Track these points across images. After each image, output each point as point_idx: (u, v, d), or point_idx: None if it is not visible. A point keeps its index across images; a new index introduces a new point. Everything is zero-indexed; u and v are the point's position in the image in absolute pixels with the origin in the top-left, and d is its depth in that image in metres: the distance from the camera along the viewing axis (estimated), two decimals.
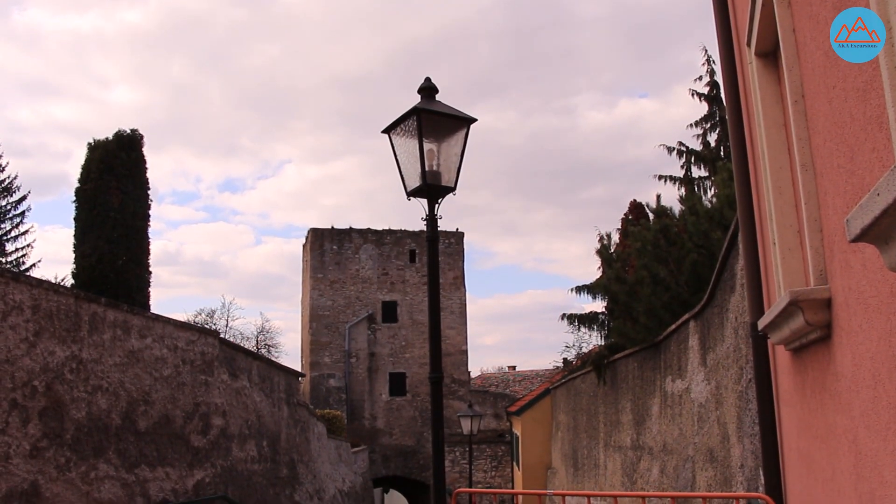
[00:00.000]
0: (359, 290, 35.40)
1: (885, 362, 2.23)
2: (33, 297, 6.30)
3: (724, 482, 9.76)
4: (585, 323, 20.44)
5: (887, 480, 2.37)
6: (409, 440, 34.53)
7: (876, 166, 2.03)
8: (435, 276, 6.05)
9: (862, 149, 2.20)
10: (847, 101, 2.41)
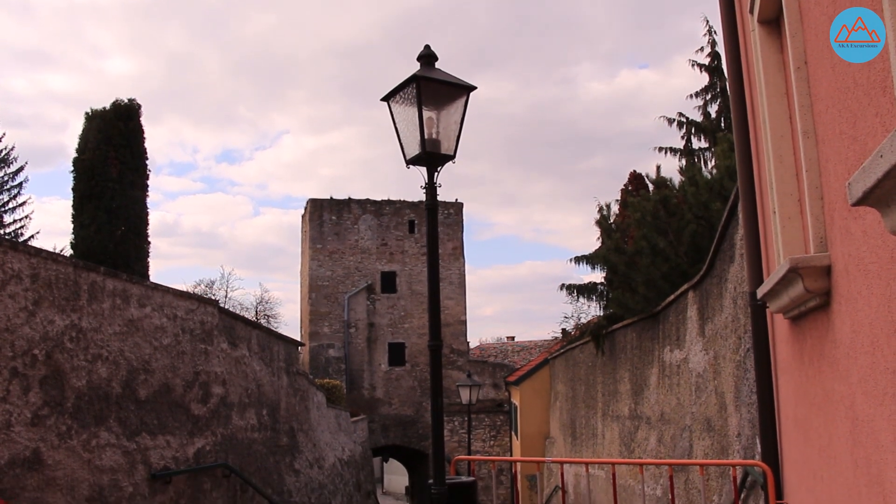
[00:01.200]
0: (358, 260, 35.42)
1: (883, 328, 2.23)
2: (32, 266, 6.29)
3: (720, 451, 9.83)
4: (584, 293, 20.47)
5: (883, 445, 2.39)
6: (408, 410, 34.74)
7: (879, 131, 2.01)
8: (434, 244, 6.05)
9: (865, 114, 2.19)
10: (851, 67, 2.39)
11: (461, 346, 36.28)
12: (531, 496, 28.54)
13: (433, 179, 5.91)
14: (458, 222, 36.89)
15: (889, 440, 2.30)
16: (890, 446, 2.30)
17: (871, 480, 2.61)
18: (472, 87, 6.09)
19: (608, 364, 18.87)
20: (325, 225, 35.44)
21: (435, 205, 5.94)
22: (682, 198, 15.07)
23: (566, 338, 27.58)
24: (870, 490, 2.64)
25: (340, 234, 35.49)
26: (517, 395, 30.79)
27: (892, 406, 2.23)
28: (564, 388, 25.97)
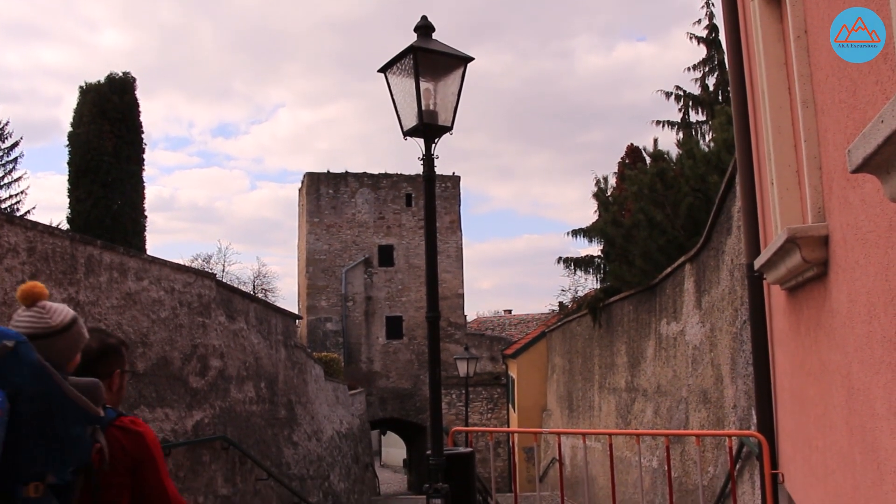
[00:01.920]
0: (355, 234, 35.39)
1: (880, 296, 2.24)
2: (28, 240, 6.28)
3: (716, 422, 9.90)
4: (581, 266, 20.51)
5: (878, 413, 2.40)
6: (405, 383, 34.89)
7: (879, 98, 2.01)
8: (431, 214, 6.04)
9: (865, 81, 2.18)
10: None
11: (459, 319, 36.36)
12: (528, 468, 28.77)
13: (430, 151, 5.90)
14: (455, 196, 36.82)
15: (884, 408, 2.32)
16: (885, 414, 2.32)
17: (865, 448, 2.63)
18: (470, 59, 6.06)
19: (605, 337, 18.94)
20: (322, 199, 35.37)
21: (432, 176, 5.92)
22: (680, 171, 15.06)
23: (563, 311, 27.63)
24: (864, 458, 2.66)
25: (337, 207, 35.43)
26: (514, 368, 30.92)
27: (887, 374, 2.24)
28: (561, 361, 26.07)
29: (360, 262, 35.20)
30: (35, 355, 2.35)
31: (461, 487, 6.54)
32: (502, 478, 29.22)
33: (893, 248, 2.06)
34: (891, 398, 2.22)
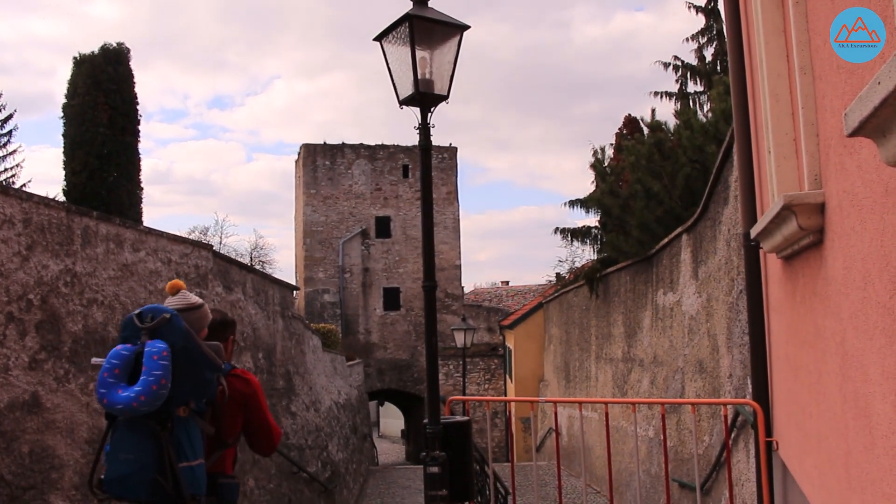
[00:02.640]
0: (352, 205, 35.35)
1: (876, 262, 2.24)
2: (24, 211, 6.26)
3: (712, 392, 9.96)
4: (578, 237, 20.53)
5: (871, 379, 2.42)
6: (403, 354, 35.03)
7: (877, 62, 1.99)
8: (428, 183, 6.04)
9: None
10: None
11: (456, 290, 36.44)
12: (525, 438, 28.97)
13: (426, 120, 5.88)
14: (452, 167, 36.75)
15: (877, 373, 2.33)
16: (877, 379, 2.33)
17: (858, 413, 2.65)
18: (466, 27, 6.01)
19: (602, 307, 19.00)
20: (319, 170, 35.28)
21: (428, 145, 5.91)
22: (677, 141, 15.03)
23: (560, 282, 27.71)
24: (856, 422, 2.68)
25: (334, 179, 35.35)
26: (511, 338, 31.04)
27: (881, 340, 2.25)
28: (558, 332, 26.17)
29: (357, 233, 35.19)
30: (183, 323, 3.56)
31: (458, 456, 6.59)
32: (499, 448, 29.45)
33: (889, 213, 2.06)
34: (884, 363, 2.23)
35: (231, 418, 3.90)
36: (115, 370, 3.46)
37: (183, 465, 3.47)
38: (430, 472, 6.00)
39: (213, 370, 3.64)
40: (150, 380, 3.34)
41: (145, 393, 3.33)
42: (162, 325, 3.53)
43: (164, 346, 3.44)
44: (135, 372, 3.46)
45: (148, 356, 3.40)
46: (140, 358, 3.45)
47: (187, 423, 3.56)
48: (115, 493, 3.51)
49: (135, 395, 3.33)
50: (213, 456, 3.85)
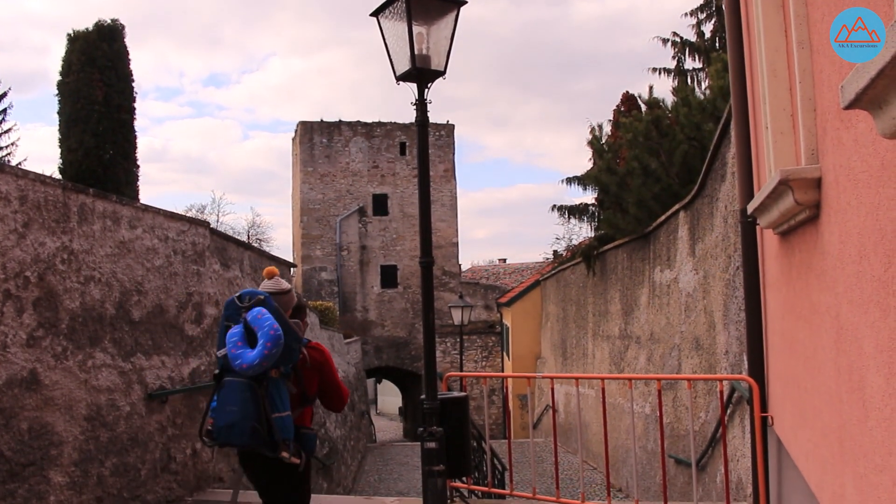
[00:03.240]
0: (349, 183, 35.28)
1: (871, 236, 2.25)
2: (20, 188, 6.24)
3: (708, 368, 10.01)
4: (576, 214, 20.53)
5: (865, 352, 2.43)
6: (400, 332, 35.11)
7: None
8: (425, 159, 6.03)
9: None
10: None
11: (453, 268, 36.47)
12: (522, 415, 29.12)
13: (423, 96, 5.85)
14: (449, 144, 36.65)
15: (871, 347, 2.34)
16: (871, 353, 2.34)
17: (852, 387, 2.66)
18: (463, 2, 5.97)
19: (599, 285, 19.03)
20: (316, 148, 35.18)
21: (425, 121, 5.89)
22: (675, 118, 15.00)
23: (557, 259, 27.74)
24: (850, 396, 2.70)
25: (331, 156, 35.26)
26: (509, 316, 31.11)
27: (875, 313, 2.26)
28: (556, 309, 26.23)
29: (354, 211, 35.15)
30: (274, 303, 4.44)
31: (455, 431, 6.63)
32: (496, 425, 29.60)
33: (885, 187, 2.06)
34: (878, 336, 2.24)
35: (309, 381, 4.74)
36: (239, 342, 4.36)
37: (275, 415, 4.35)
38: (428, 447, 6.04)
39: (297, 341, 4.51)
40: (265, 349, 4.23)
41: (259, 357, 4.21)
42: (257, 305, 4.41)
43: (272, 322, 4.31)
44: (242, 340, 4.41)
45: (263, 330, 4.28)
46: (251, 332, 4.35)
47: (277, 383, 4.42)
48: (223, 439, 4.50)
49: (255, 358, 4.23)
50: (296, 411, 4.64)
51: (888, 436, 2.19)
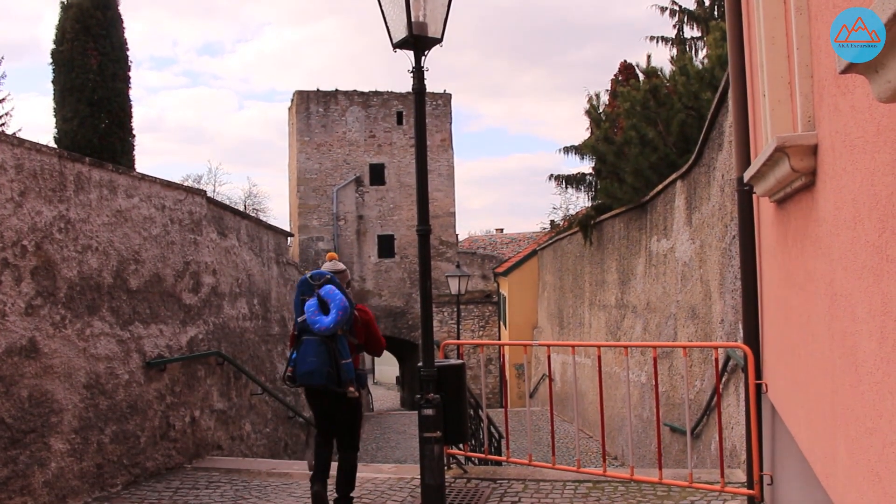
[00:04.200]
0: (346, 152, 35.15)
1: (866, 202, 2.26)
2: (16, 157, 6.23)
3: (704, 337, 10.05)
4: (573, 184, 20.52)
5: (859, 317, 2.45)
6: (397, 301, 35.18)
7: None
8: (422, 127, 6.01)
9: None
10: None
11: (450, 237, 36.47)
12: (519, 385, 29.29)
13: (420, 63, 5.82)
14: (446, 114, 36.47)
15: (864, 312, 2.36)
16: (864, 318, 2.36)
17: (845, 352, 2.69)
18: None
19: (596, 254, 19.06)
20: (313, 117, 35.00)
21: (422, 89, 5.86)
22: (673, 88, 14.94)
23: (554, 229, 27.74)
24: (843, 361, 2.73)
25: (328, 126, 35.10)
26: (506, 285, 31.18)
27: (869, 279, 2.28)
28: (552, 279, 26.29)
29: (351, 180, 35.06)
30: (337, 280, 6.06)
31: (452, 398, 6.67)
32: (493, 394, 29.80)
33: (880, 152, 2.07)
34: (871, 302, 2.26)
35: (360, 334, 6.29)
36: (316, 311, 5.95)
37: (343, 362, 5.97)
38: (425, 414, 6.08)
39: (353, 307, 6.14)
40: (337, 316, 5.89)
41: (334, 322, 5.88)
42: (326, 283, 6.03)
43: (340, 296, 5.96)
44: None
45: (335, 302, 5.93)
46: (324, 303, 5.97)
47: (342, 339, 6.04)
48: (304, 381, 6.08)
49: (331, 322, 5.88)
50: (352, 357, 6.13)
51: (879, 399, 2.22)
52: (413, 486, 7.03)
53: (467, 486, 6.95)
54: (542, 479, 7.09)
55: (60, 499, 6.52)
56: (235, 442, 9.92)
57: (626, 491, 6.63)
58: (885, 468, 2.19)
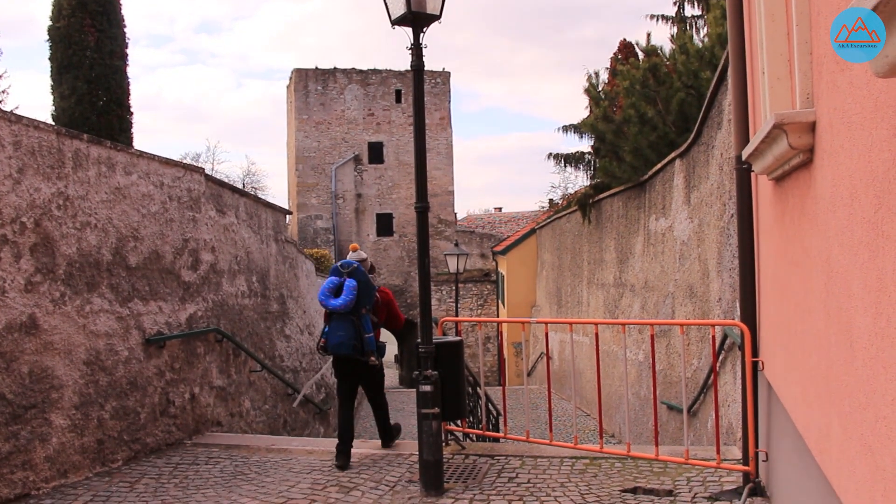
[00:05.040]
0: (344, 130, 35.06)
1: (863, 177, 2.27)
2: (13, 134, 6.22)
3: (701, 316, 10.09)
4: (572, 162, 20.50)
5: (854, 293, 2.47)
6: (396, 279, 35.22)
7: None
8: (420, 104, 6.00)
9: None
10: None
11: (449, 216, 36.46)
12: (517, 363, 29.40)
13: (419, 40, 5.80)
14: (444, 92, 36.35)
15: (859, 288, 2.38)
16: (860, 293, 2.38)
17: (840, 328, 2.71)
18: None
19: (594, 233, 19.08)
20: (311, 95, 34.88)
21: (421, 66, 5.84)
22: (672, 66, 14.88)
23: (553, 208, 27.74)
24: (838, 337, 2.75)
25: (326, 104, 34.99)
26: (504, 264, 31.21)
27: (864, 255, 2.29)
28: (551, 258, 26.32)
29: (349, 159, 35.00)
30: (362, 268, 7.31)
31: (450, 374, 6.71)
32: (491, 373, 29.91)
33: (877, 128, 2.07)
34: (866, 277, 2.28)
35: (381, 312, 7.60)
36: (329, 291, 7.21)
37: (366, 336, 7.19)
38: (423, 390, 6.12)
39: (375, 290, 7.43)
40: (347, 297, 7.10)
41: (344, 303, 7.09)
42: (353, 270, 7.24)
43: (353, 283, 7.16)
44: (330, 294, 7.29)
45: (346, 287, 7.15)
46: (341, 287, 7.21)
47: (365, 316, 7.26)
48: (334, 351, 7.25)
49: (341, 303, 7.10)
50: (374, 331, 7.38)
51: (873, 374, 2.24)
52: (411, 462, 7.08)
53: (465, 463, 7.01)
54: (539, 456, 7.15)
55: (62, 473, 6.57)
56: (235, 418, 9.97)
57: (622, 467, 6.69)
58: (877, 441, 2.22)
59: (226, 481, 6.83)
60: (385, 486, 6.48)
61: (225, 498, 6.32)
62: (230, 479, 6.89)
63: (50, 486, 6.41)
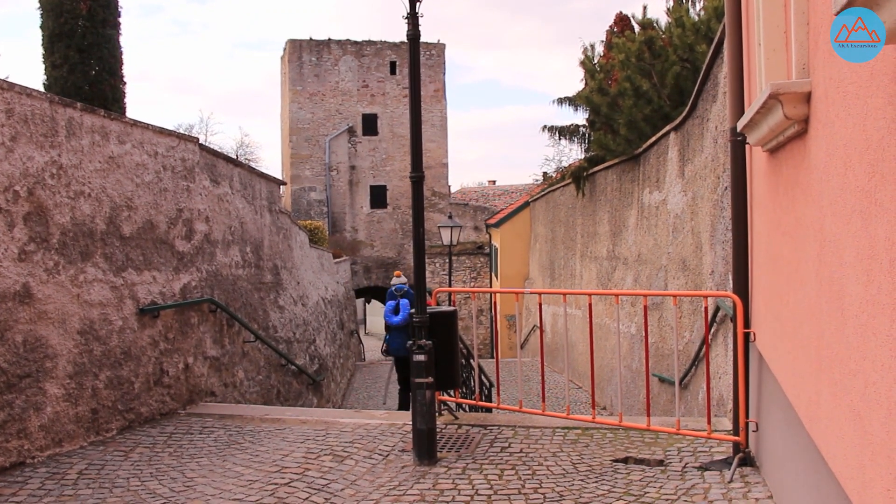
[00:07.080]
0: (339, 102, 34.90)
1: (857, 146, 2.28)
2: (6, 101, 6.18)
3: (694, 288, 10.12)
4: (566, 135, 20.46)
5: (846, 261, 2.49)
6: (390, 252, 35.26)
7: None
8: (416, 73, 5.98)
9: None
10: None
11: (443, 188, 36.43)
12: (510, 335, 29.53)
13: (415, 9, 5.77)
14: (440, 64, 36.18)
15: (851, 256, 2.40)
16: (852, 262, 2.40)
17: (832, 297, 2.74)
18: None
19: (588, 206, 19.09)
20: (305, 66, 34.68)
21: (417, 35, 5.81)
22: (668, 40, 14.82)
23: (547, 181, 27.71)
24: (830, 306, 2.77)
25: (321, 75, 34.79)
26: (498, 237, 31.24)
27: (857, 223, 2.31)
28: (544, 230, 26.34)
29: (343, 130, 34.88)
30: (411, 290, 10.65)
31: (444, 344, 6.75)
32: (485, 345, 30.03)
33: (872, 97, 2.08)
34: (859, 246, 2.30)
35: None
36: (392, 311, 11.01)
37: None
38: (417, 360, 6.15)
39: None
40: (404, 315, 10.51)
41: (403, 320, 10.55)
42: (404, 293, 10.94)
43: (406, 302, 10.80)
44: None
45: (403, 306, 10.84)
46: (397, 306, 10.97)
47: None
48: (395, 353, 11.05)
49: (399, 320, 10.73)
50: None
51: (863, 341, 2.27)
52: (404, 432, 7.14)
53: (458, 432, 7.06)
54: (531, 426, 7.20)
55: (56, 442, 6.60)
56: (228, 389, 10.01)
57: (614, 437, 6.75)
58: (865, 406, 2.25)
59: (220, 450, 6.88)
60: (378, 454, 6.53)
61: (219, 466, 6.36)
62: (224, 449, 6.93)
63: (45, 455, 6.44)
